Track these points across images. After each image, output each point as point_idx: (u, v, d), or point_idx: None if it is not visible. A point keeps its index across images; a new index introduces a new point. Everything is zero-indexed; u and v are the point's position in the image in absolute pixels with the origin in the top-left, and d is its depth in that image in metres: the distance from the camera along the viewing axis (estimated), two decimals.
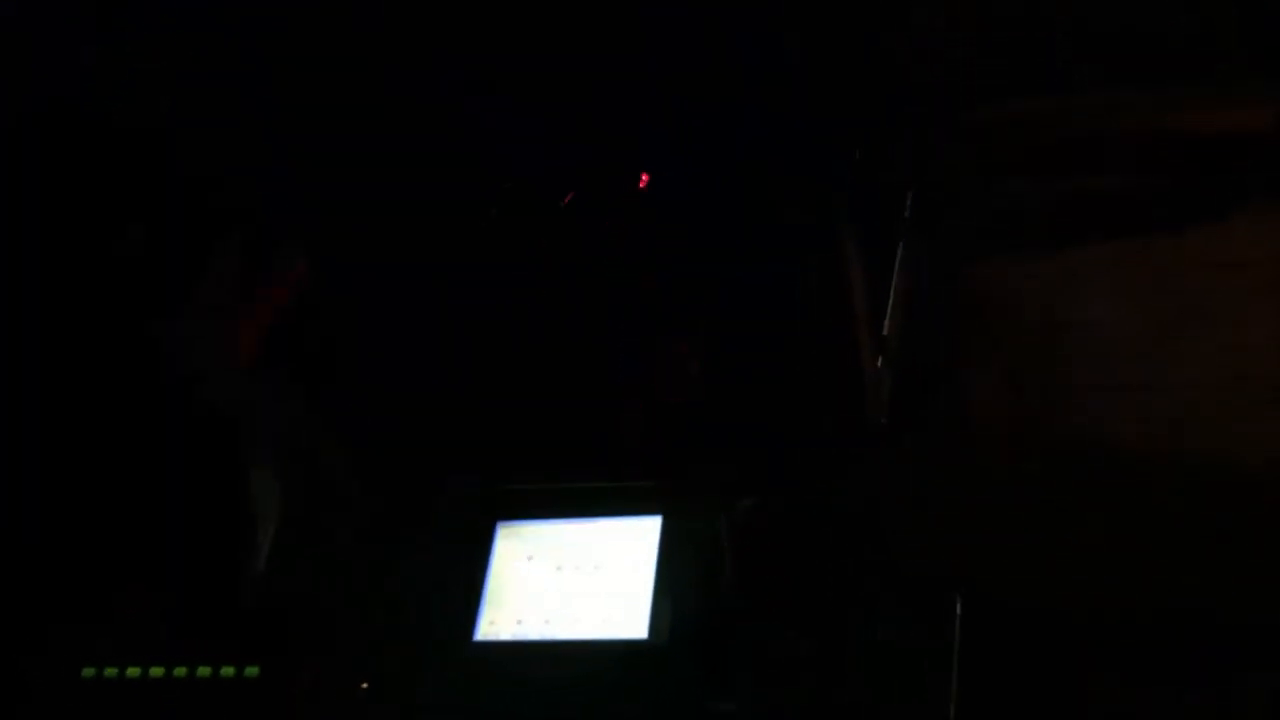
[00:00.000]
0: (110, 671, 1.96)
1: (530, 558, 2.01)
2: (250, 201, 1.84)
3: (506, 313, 2.02)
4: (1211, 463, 2.75)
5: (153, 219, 1.83)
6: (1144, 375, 2.89)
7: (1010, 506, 2.70)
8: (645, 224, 1.83)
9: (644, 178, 1.73)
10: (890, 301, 1.99)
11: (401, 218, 1.96)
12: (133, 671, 1.96)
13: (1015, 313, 2.96)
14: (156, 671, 1.96)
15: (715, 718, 1.82)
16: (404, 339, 2.02)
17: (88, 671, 1.96)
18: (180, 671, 1.95)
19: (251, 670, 1.94)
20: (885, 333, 1.85)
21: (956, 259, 2.85)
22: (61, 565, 1.90)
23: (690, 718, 1.83)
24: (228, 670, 1.94)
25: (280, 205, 1.88)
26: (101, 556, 1.87)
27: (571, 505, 2.03)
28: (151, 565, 1.89)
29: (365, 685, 1.92)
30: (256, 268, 1.84)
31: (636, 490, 2.01)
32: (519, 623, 1.96)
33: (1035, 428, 2.89)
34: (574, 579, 1.98)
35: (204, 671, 1.95)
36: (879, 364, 1.77)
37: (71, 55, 1.74)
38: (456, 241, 1.97)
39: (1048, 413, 2.87)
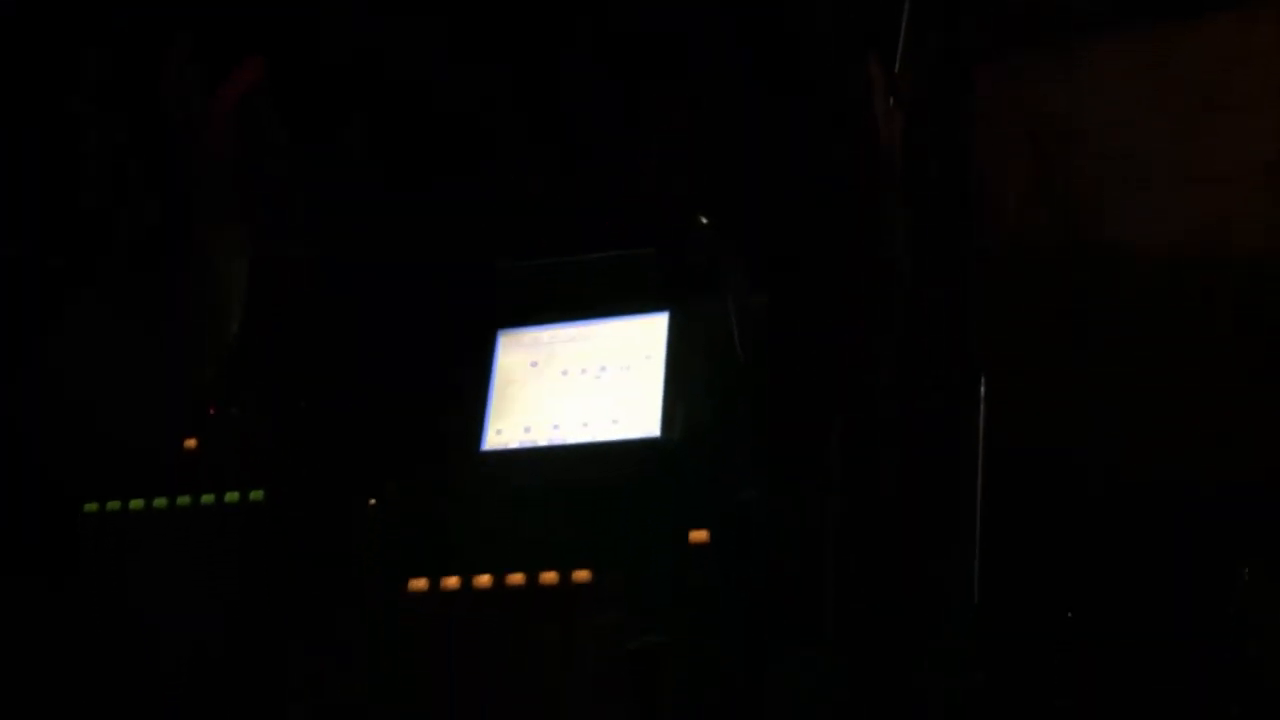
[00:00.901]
0: (113, 505, 1.91)
1: (534, 364, 1.94)
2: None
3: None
4: (1250, 259, 2.68)
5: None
6: (1169, 174, 2.81)
7: (1039, 318, 2.63)
8: None
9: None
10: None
11: None
12: (136, 504, 1.91)
13: (1032, 120, 2.88)
14: (160, 503, 1.91)
15: (737, 508, 1.76)
16: None
17: (90, 507, 1.91)
18: (184, 501, 1.90)
19: (256, 495, 1.89)
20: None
21: (968, 61, 2.76)
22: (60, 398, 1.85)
23: (709, 512, 1.76)
24: (232, 496, 1.89)
25: None
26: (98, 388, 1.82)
27: (575, 306, 1.96)
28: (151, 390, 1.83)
29: (373, 502, 1.86)
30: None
31: (640, 272, 1.93)
32: (527, 430, 1.90)
33: (1061, 236, 2.82)
34: (581, 383, 1.92)
35: (208, 499, 1.90)
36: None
37: None
38: None
39: (1073, 220, 2.80)
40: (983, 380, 1.98)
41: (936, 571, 1.86)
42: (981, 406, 1.96)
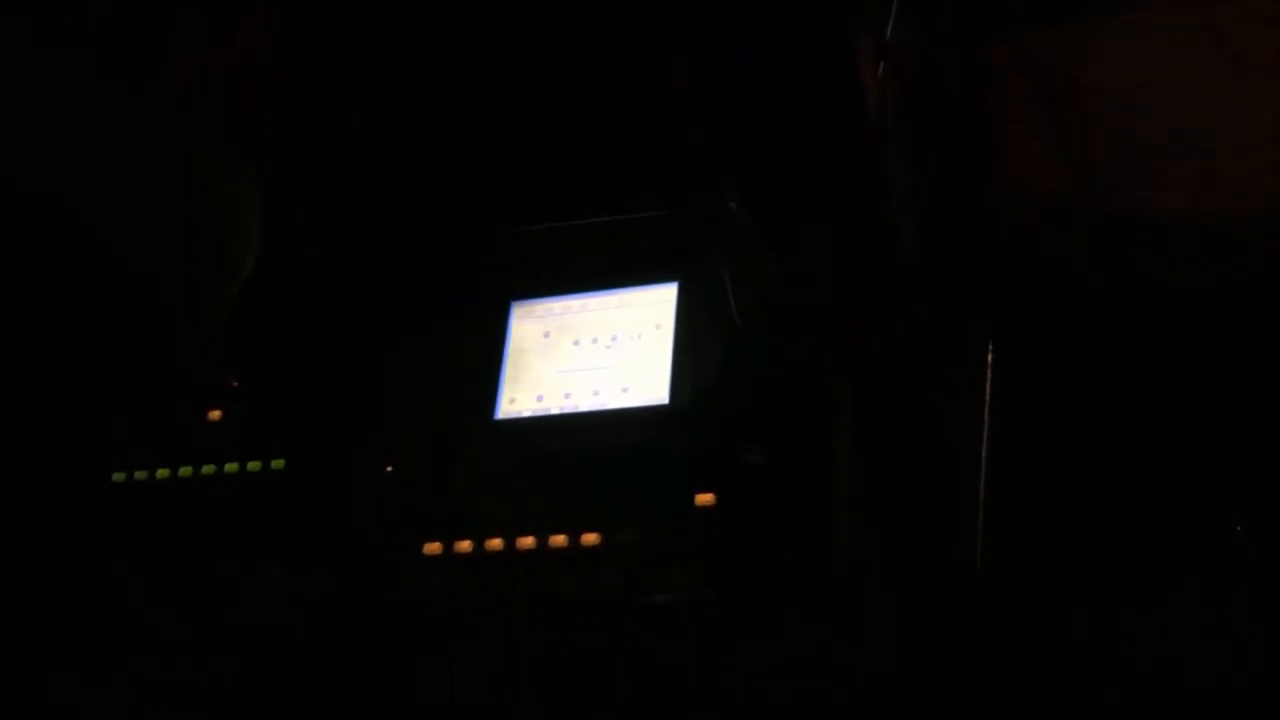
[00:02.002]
0: (140, 475, 1.97)
1: (546, 334, 1.98)
2: None
3: None
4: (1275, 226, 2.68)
5: None
6: (1195, 138, 2.81)
7: (1060, 285, 2.64)
8: None
9: None
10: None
11: None
12: (162, 473, 1.97)
13: (1051, 83, 2.88)
14: (185, 472, 1.97)
15: (747, 471, 1.79)
16: None
17: (118, 476, 1.97)
18: (209, 469, 1.96)
19: (278, 463, 1.94)
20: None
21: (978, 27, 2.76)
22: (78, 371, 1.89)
23: (717, 477, 1.80)
24: (254, 465, 1.94)
25: None
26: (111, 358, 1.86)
27: (586, 277, 2.00)
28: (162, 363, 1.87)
29: (390, 469, 1.91)
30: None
31: (651, 241, 1.97)
32: (539, 399, 1.94)
33: (1084, 199, 2.82)
34: (592, 352, 1.96)
35: (231, 468, 1.95)
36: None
37: None
38: None
39: (1096, 183, 2.80)
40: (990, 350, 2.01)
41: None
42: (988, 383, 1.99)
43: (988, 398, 1.94)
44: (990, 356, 2.02)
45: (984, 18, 2.77)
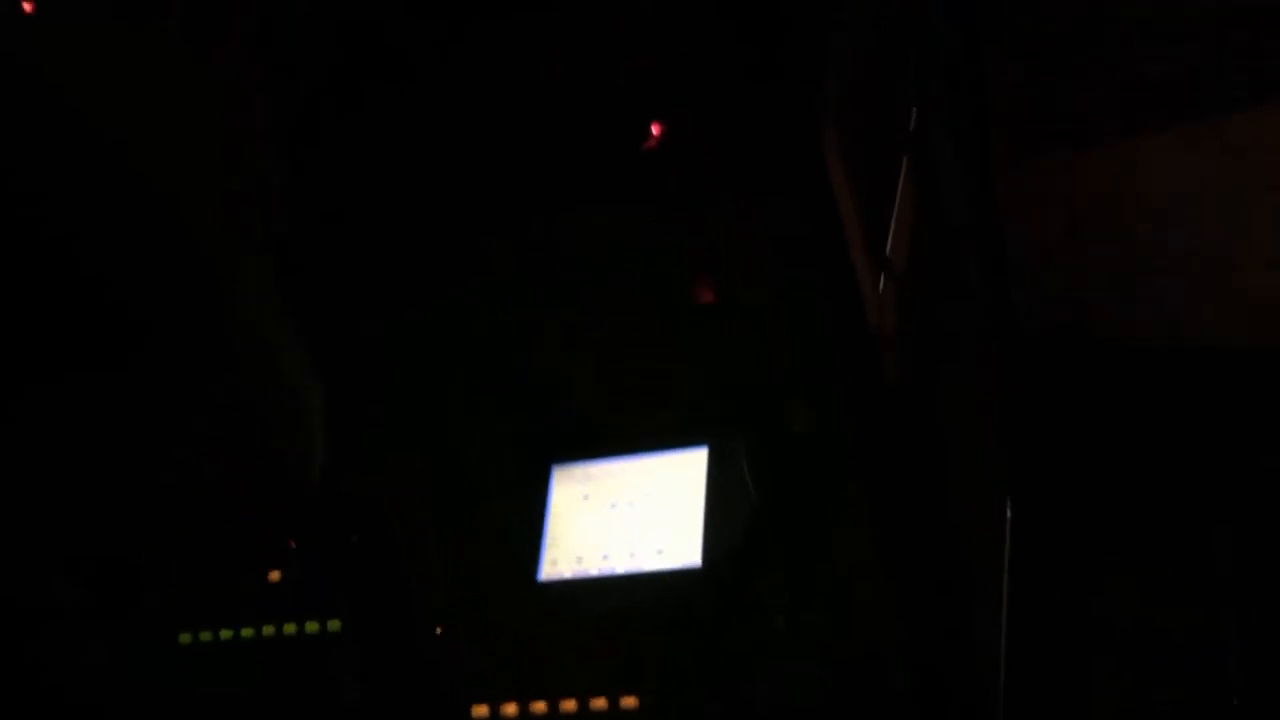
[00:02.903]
0: (205, 636, 2.09)
1: (586, 497, 2.09)
2: None
3: None
4: None
5: None
6: (1223, 250, 2.88)
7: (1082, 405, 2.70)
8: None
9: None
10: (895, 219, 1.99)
11: None
12: (225, 634, 2.09)
13: (1085, 201, 2.96)
14: (247, 633, 2.08)
15: (776, 636, 1.89)
16: None
17: (184, 638, 2.10)
18: (269, 630, 2.07)
19: (334, 624, 2.06)
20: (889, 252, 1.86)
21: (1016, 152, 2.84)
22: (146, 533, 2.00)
23: (746, 639, 1.90)
24: (312, 626, 2.06)
25: None
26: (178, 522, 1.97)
27: (622, 442, 2.10)
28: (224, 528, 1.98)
29: (439, 631, 2.02)
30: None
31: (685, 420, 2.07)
32: (579, 560, 2.04)
33: (1113, 314, 2.90)
34: (629, 514, 2.06)
35: (290, 629, 2.07)
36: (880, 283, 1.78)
37: None
38: None
39: (1126, 300, 2.88)
40: (1008, 503, 2.09)
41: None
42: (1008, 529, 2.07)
43: (1007, 556, 2.02)
44: (1009, 512, 2.10)
45: (1004, 140, 2.86)
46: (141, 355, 1.51)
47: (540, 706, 1.91)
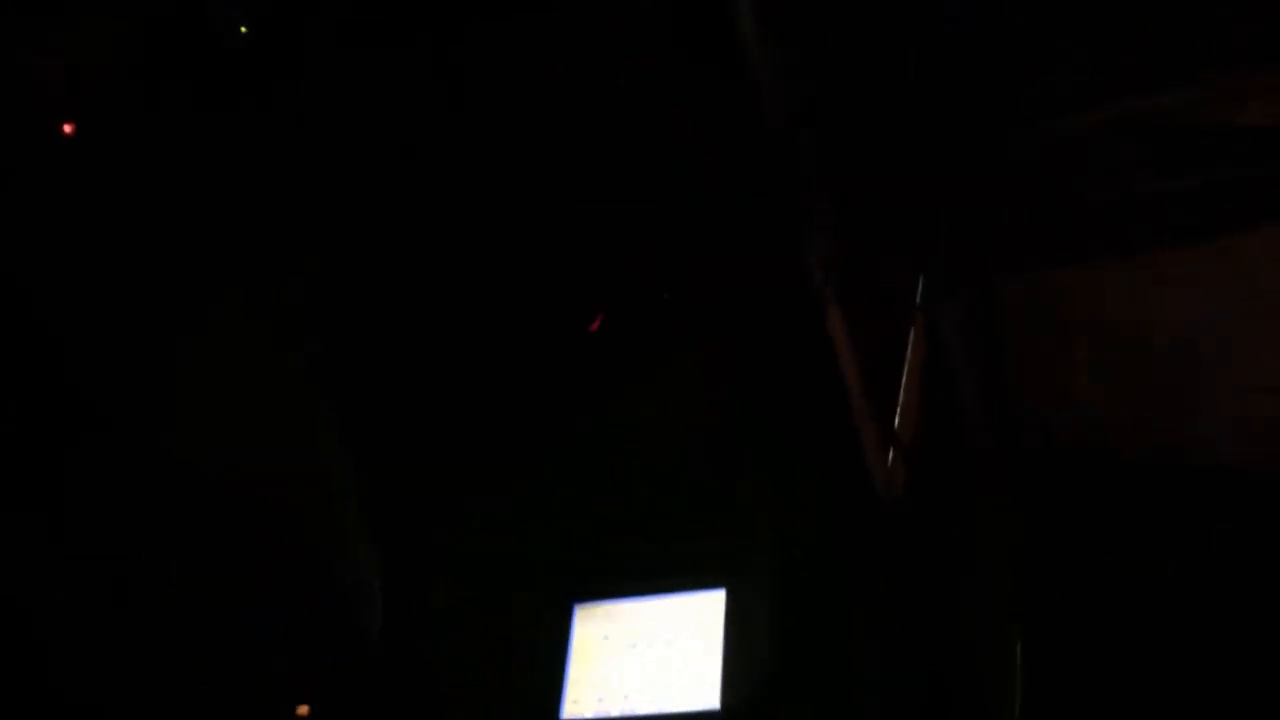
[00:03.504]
0: None
1: (606, 637, 2.16)
2: None
3: None
4: None
5: None
6: (1231, 380, 2.91)
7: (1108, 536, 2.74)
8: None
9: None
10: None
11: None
12: None
13: (1094, 320, 2.99)
14: None
15: None
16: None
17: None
18: None
19: None
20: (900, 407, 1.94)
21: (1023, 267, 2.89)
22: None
23: None
24: None
25: None
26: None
27: (642, 582, 2.18)
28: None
29: None
30: None
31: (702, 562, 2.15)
32: (600, 700, 2.12)
33: (1127, 438, 2.92)
34: (649, 655, 2.13)
35: None
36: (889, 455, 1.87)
37: None
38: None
39: (1140, 423, 2.91)
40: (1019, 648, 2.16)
41: None
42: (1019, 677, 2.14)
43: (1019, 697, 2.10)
44: (1019, 655, 2.18)
45: (997, 258, 2.91)
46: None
47: None
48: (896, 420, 1.89)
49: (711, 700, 2.07)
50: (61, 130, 1.77)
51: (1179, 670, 2.41)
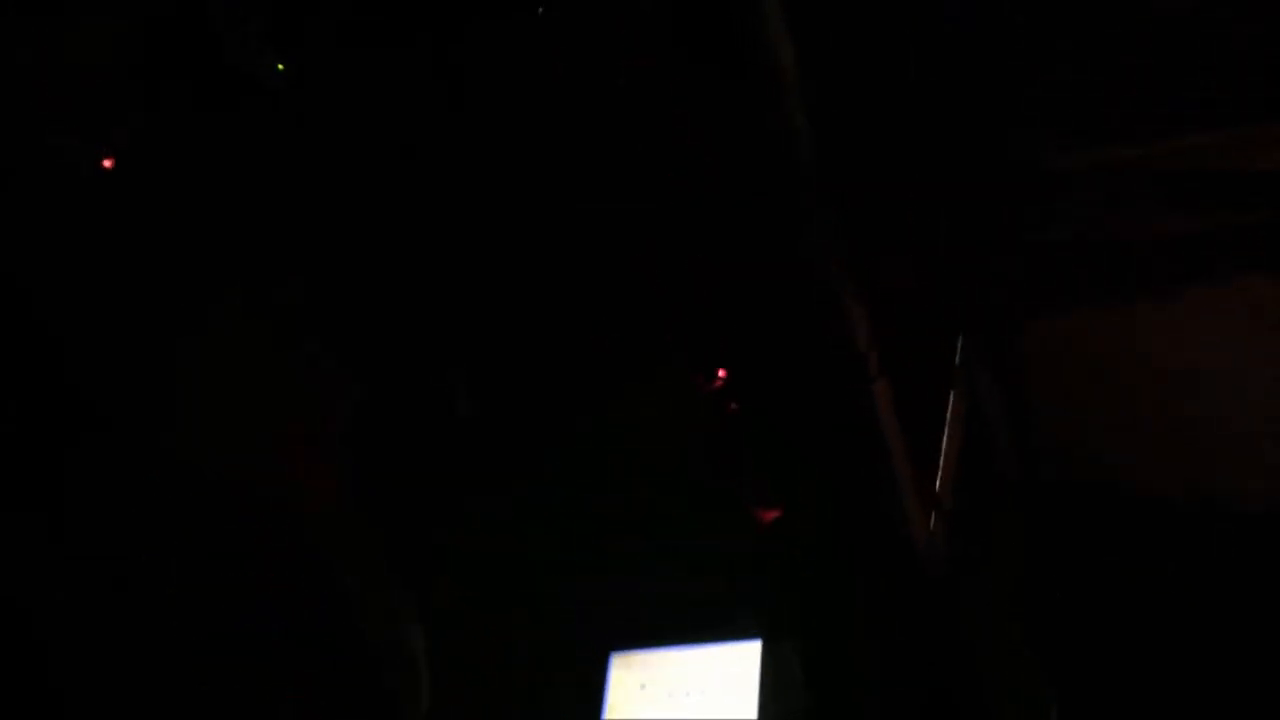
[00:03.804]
0: None
1: (643, 686, 2.10)
2: None
3: None
4: None
5: None
6: (1265, 424, 2.81)
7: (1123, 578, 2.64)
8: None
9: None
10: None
11: None
12: None
13: (1118, 356, 2.92)
14: None
15: None
16: None
17: None
18: None
19: None
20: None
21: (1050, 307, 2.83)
22: None
23: None
24: None
25: None
26: None
27: (679, 632, 2.12)
28: None
29: None
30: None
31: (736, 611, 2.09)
32: None
33: (1148, 482, 2.83)
34: (684, 705, 2.07)
35: None
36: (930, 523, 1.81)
37: None
38: None
39: (1160, 467, 2.82)
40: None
41: None
42: None
43: None
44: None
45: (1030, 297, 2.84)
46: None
47: None
48: (938, 483, 1.83)
49: None
50: (101, 165, 1.83)
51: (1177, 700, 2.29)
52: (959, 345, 2.19)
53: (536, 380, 1.93)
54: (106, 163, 1.86)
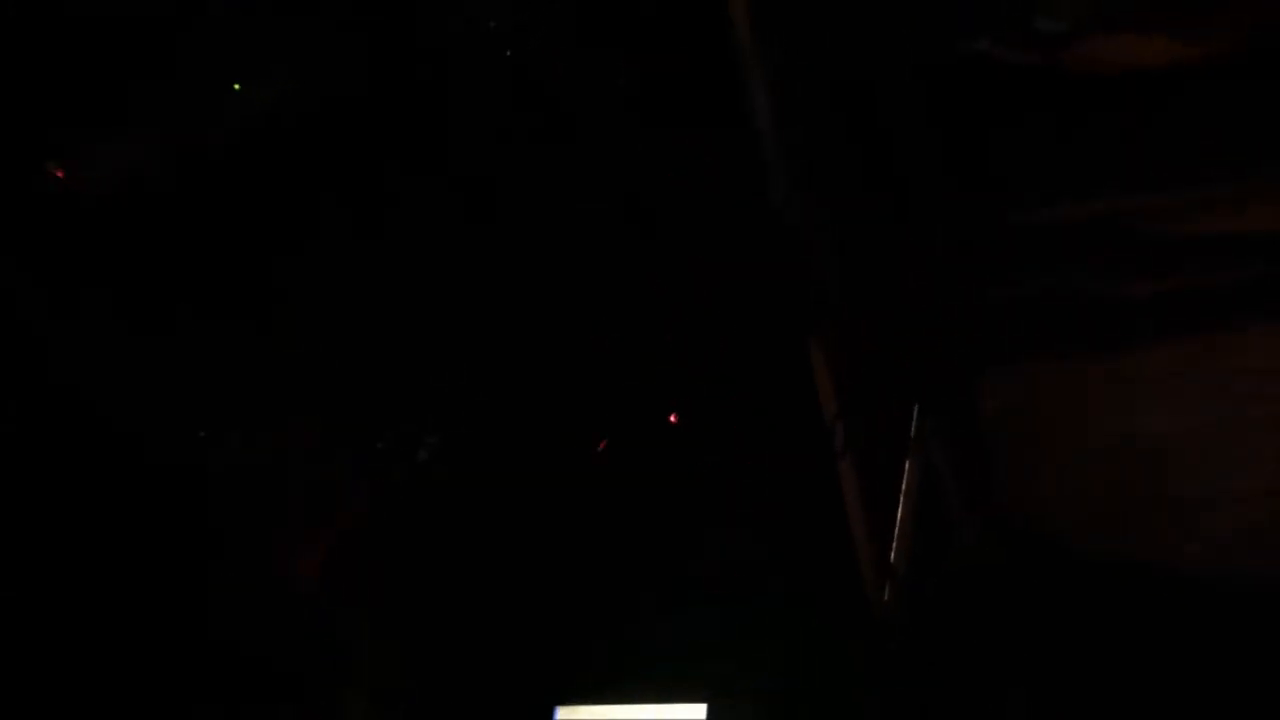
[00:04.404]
0: None
1: None
2: None
3: None
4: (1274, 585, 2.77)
5: None
6: (1202, 489, 2.92)
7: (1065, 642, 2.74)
8: None
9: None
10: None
11: None
12: None
13: (1069, 418, 3.01)
14: None
15: None
16: None
17: None
18: None
19: None
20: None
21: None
22: None
23: None
24: None
25: None
26: None
27: (625, 692, 2.17)
28: None
29: None
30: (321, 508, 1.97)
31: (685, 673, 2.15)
32: None
33: (1094, 543, 2.93)
34: None
35: None
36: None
37: None
38: None
39: (1106, 527, 2.92)
40: None
41: None
42: None
43: None
44: None
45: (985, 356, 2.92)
46: None
47: None
48: (893, 552, 1.91)
49: None
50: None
51: None
52: (914, 416, 2.27)
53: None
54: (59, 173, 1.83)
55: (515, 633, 2.23)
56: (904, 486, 2.08)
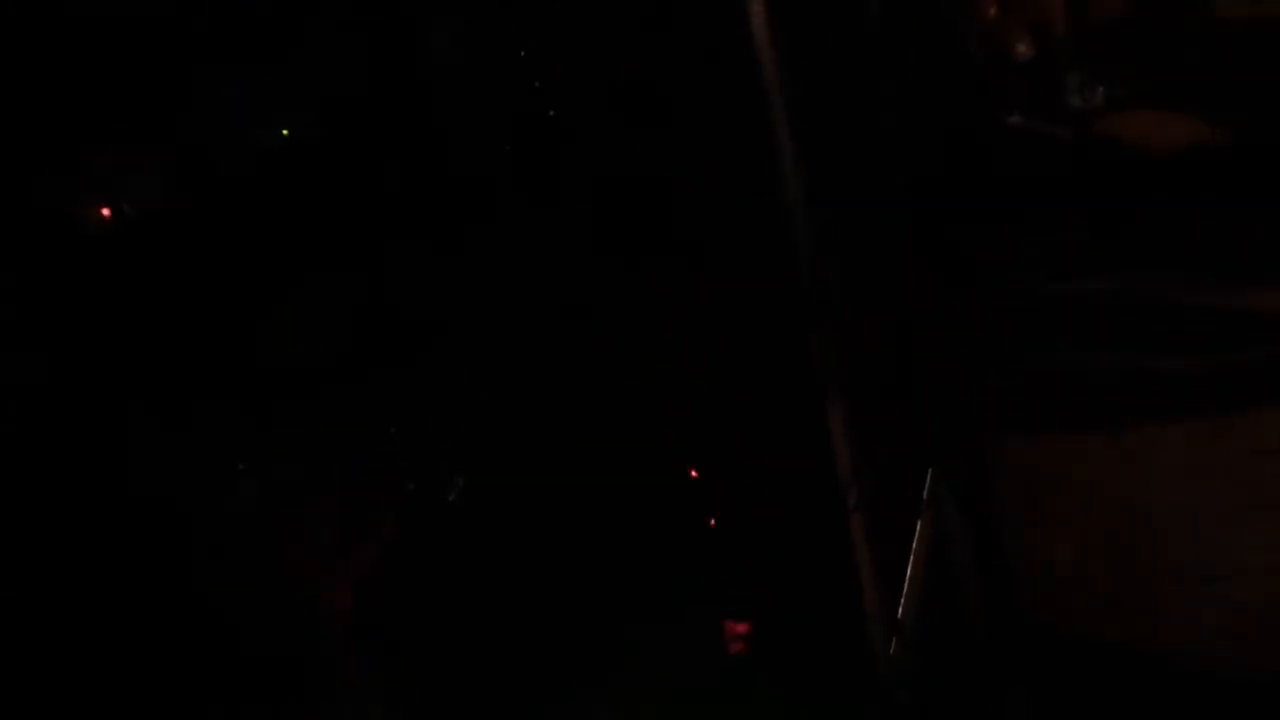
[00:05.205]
0: None
1: None
2: None
3: None
4: None
5: None
6: (1213, 566, 2.93)
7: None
8: None
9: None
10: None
11: None
12: None
13: (1082, 493, 3.02)
14: None
15: None
16: None
17: None
18: None
19: None
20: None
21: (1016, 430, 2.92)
22: None
23: None
24: None
25: None
26: None
27: None
28: None
29: None
30: (348, 535, 2.00)
31: None
32: None
33: (1103, 618, 2.93)
34: None
35: None
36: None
37: None
38: None
39: (1113, 600, 2.93)
40: None
41: None
42: None
43: None
44: None
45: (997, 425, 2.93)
46: None
47: None
48: (900, 610, 1.94)
49: None
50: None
51: None
52: (927, 478, 2.30)
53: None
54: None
55: (525, 659, 2.26)
56: (913, 546, 2.12)
